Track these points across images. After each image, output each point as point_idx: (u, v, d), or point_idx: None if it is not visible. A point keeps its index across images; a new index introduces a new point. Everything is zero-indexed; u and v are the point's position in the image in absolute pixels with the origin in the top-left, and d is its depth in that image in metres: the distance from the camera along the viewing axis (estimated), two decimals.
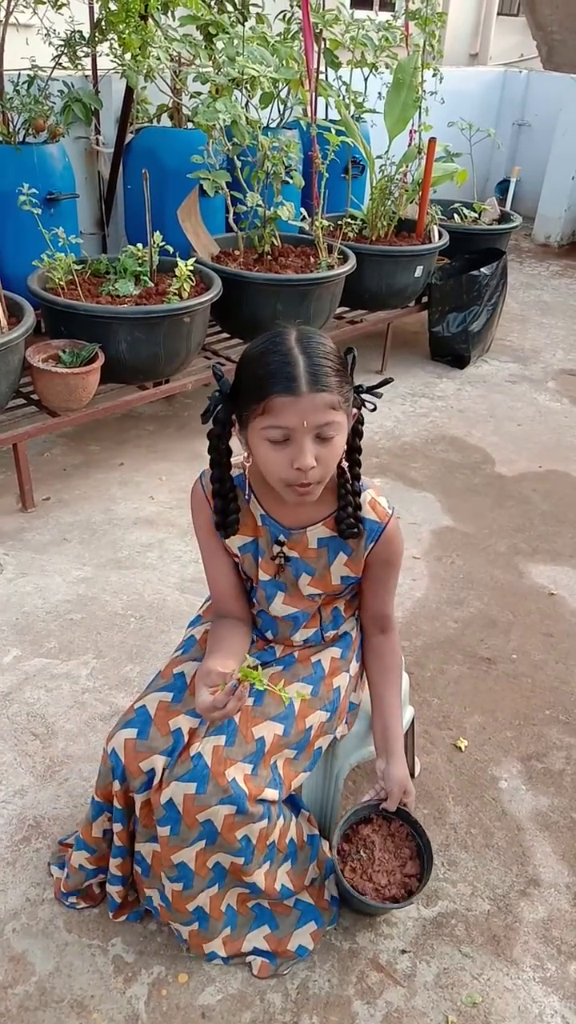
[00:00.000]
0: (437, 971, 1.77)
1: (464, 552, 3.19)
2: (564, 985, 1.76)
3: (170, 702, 1.63)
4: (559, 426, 4.29)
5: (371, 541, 1.64)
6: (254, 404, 1.38)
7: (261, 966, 1.72)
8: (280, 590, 1.69)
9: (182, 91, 4.21)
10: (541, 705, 2.49)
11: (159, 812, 1.55)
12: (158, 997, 1.69)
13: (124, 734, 1.59)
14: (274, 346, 1.39)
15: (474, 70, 8.23)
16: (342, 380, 1.41)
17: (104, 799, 1.65)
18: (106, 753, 1.61)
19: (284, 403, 1.35)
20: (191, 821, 1.52)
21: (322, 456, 1.42)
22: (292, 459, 1.40)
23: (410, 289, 4.59)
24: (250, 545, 1.66)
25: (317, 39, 4.25)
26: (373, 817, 1.85)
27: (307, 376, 1.35)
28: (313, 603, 1.71)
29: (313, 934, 1.76)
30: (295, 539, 1.64)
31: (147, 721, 1.60)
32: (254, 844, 1.57)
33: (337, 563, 1.66)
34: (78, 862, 1.77)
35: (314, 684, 1.72)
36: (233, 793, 1.51)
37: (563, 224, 7.55)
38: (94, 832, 1.71)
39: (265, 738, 1.60)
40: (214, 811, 1.51)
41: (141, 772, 1.56)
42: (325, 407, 1.37)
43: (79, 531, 3.15)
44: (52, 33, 3.73)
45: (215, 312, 3.69)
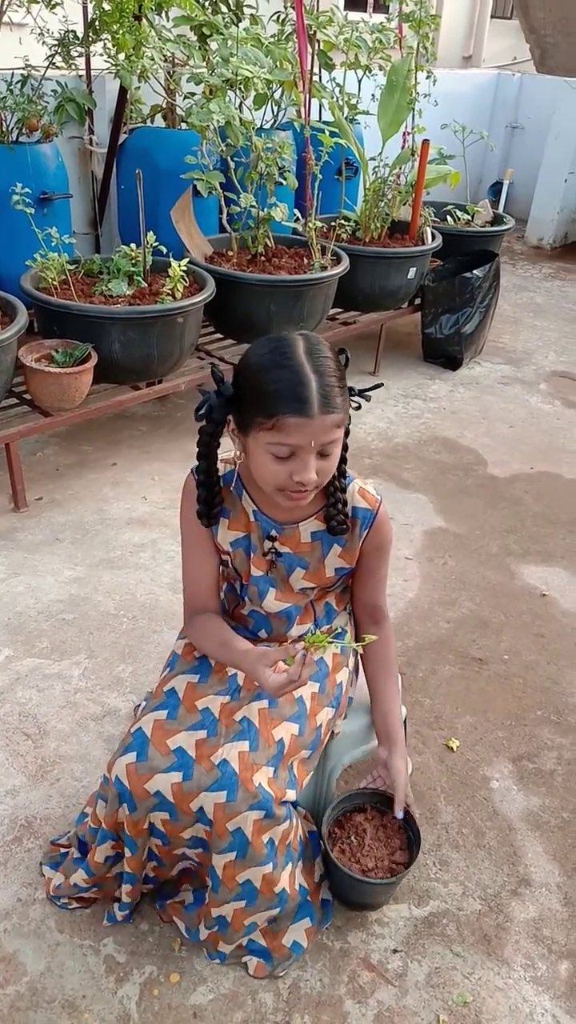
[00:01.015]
0: (428, 970, 1.77)
1: (456, 553, 3.19)
2: (555, 984, 1.76)
3: (165, 719, 1.62)
4: (551, 428, 4.30)
5: (365, 528, 1.66)
6: (261, 418, 1.39)
7: (257, 966, 1.73)
8: (271, 586, 1.70)
9: (176, 92, 4.21)
10: (532, 705, 2.50)
11: (192, 819, 1.55)
12: (150, 997, 1.69)
13: (124, 760, 1.58)
14: (284, 359, 1.38)
15: (467, 72, 8.25)
16: (345, 396, 1.42)
17: (112, 828, 1.64)
18: (111, 782, 1.59)
19: (295, 424, 1.36)
20: (221, 830, 1.53)
21: (321, 468, 1.44)
22: (293, 472, 1.42)
23: (403, 291, 4.60)
24: (242, 540, 1.67)
25: (311, 40, 4.26)
26: (367, 807, 1.86)
27: (319, 399, 1.36)
28: (305, 596, 1.72)
29: (307, 931, 1.77)
30: (287, 534, 1.65)
31: (145, 743, 1.59)
32: (277, 846, 1.58)
33: (331, 555, 1.67)
34: (75, 880, 1.76)
35: (320, 681, 1.73)
36: (262, 798, 1.52)
37: (556, 226, 7.58)
38: (97, 857, 1.69)
39: (284, 740, 1.61)
40: (243, 818, 1.51)
41: (148, 794, 1.55)
42: (333, 427, 1.40)
43: (72, 531, 3.15)
44: (46, 32, 3.72)
45: (208, 313, 3.69)
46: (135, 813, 1.57)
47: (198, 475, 1.61)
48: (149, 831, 1.61)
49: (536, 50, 9.32)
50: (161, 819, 1.57)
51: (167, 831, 1.59)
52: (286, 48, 4.22)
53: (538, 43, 9.34)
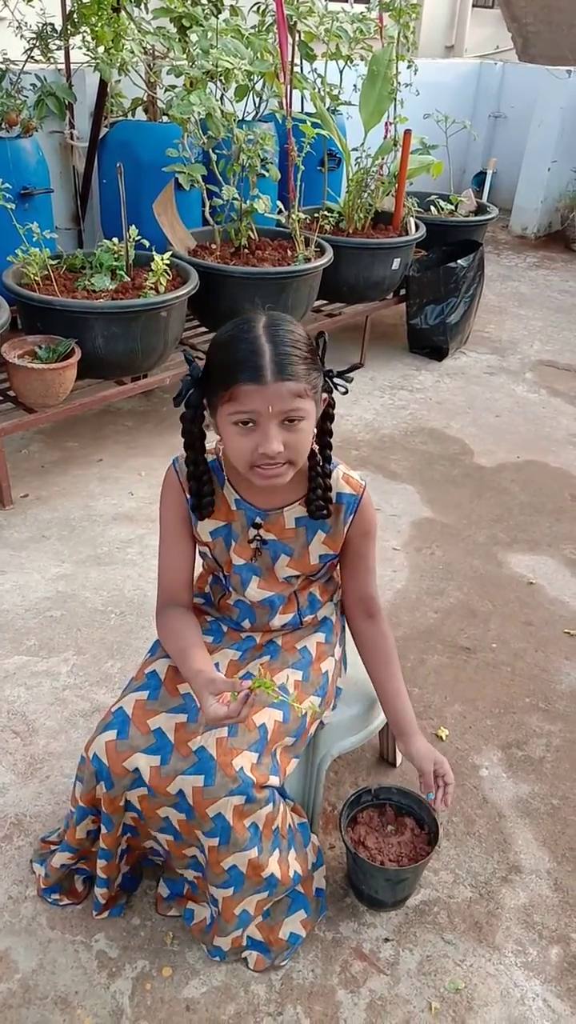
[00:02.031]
0: (420, 958, 1.78)
1: (444, 543, 3.20)
2: (545, 969, 1.77)
3: (146, 700, 1.63)
4: (537, 417, 4.31)
5: (350, 514, 1.66)
6: (221, 391, 1.41)
7: (257, 960, 1.73)
8: (255, 574, 1.69)
9: (156, 84, 4.19)
10: (521, 693, 2.50)
11: (171, 799, 1.55)
12: (142, 991, 1.69)
13: (104, 737, 1.58)
14: (241, 333, 1.42)
15: (449, 62, 8.24)
16: (310, 367, 1.43)
17: (89, 804, 1.64)
18: (87, 759, 1.60)
19: (249, 391, 1.38)
20: (203, 815, 1.53)
21: (290, 441, 1.44)
22: (257, 444, 1.42)
23: (387, 281, 4.59)
24: (222, 530, 1.67)
25: (291, 31, 4.25)
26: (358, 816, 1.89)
27: (272, 366, 1.38)
28: (289, 586, 1.72)
29: (303, 922, 1.77)
30: (272, 520, 1.65)
31: (125, 721, 1.59)
32: (261, 830, 1.58)
33: (315, 542, 1.68)
34: (59, 862, 1.77)
35: (303, 670, 1.73)
36: (241, 783, 1.52)
37: (539, 215, 7.58)
38: (78, 835, 1.70)
39: (267, 725, 1.61)
40: (224, 803, 1.51)
41: (127, 771, 1.56)
42: (290, 395, 1.40)
43: (58, 528, 3.14)
44: (23, 26, 3.70)
45: (192, 306, 3.68)
46: (112, 790, 1.57)
47: (187, 465, 1.61)
48: (125, 807, 1.61)
49: (518, 39, 9.37)
50: (138, 796, 1.58)
51: (143, 808, 1.59)
52: (267, 39, 4.21)
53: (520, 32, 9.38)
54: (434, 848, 1.81)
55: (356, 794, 1.90)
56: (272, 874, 1.63)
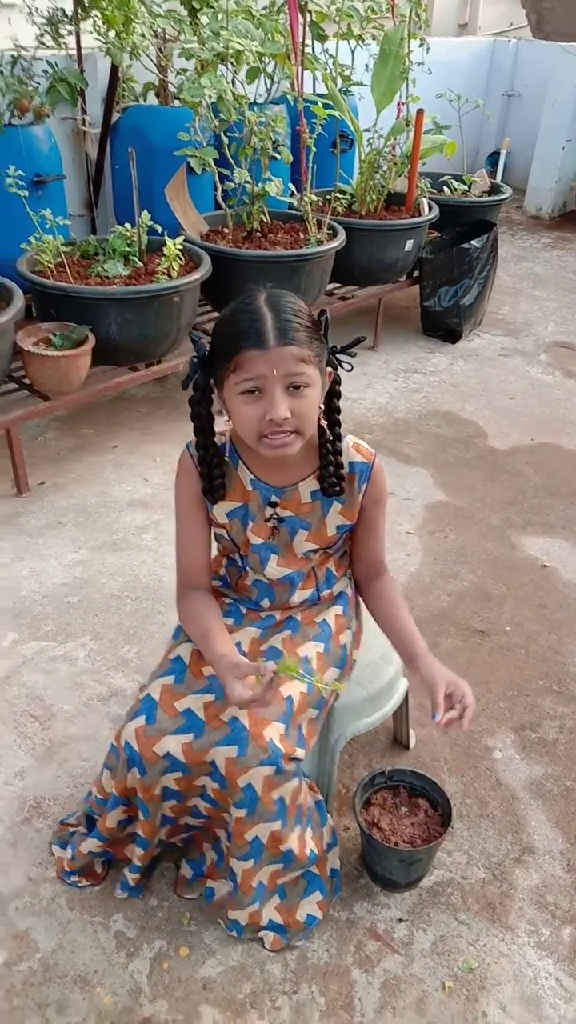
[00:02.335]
0: (434, 938, 1.80)
1: (457, 526, 3.20)
2: (558, 949, 1.79)
3: (173, 684, 1.65)
4: (552, 399, 4.29)
5: (364, 481, 1.68)
6: (226, 363, 1.44)
7: (273, 940, 1.75)
8: (273, 552, 1.71)
9: (167, 68, 4.17)
10: (534, 676, 2.51)
11: (206, 768, 1.58)
12: (160, 971, 1.72)
13: (134, 724, 1.61)
14: (243, 306, 1.45)
15: (463, 40, 8.15)
16: (312, 336, 1.46)
17: (122, 793, 1.66)
18: (120, 747, 1.62)
19: (253, 356, 1.41)
20: (233, 785, 1.56)
21: (296, 408, 1.46)
22: (265, 411, 1.44)
23: (400, 263, 4.57)
24: (239, 510, 1.68)
25: (302, 11, 4.21)
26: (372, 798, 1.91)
27: (275, 331, 1.41)
28: (307, 562, 1.73)
29: (320, 903, 1.79)
30: (287, 497, 1.66)
31: (153, 707, 1.61)
32: (287, 805, 1.60)
33: (332, 513, 1.69)
34: (87, 848, 1.79)
35: (325, 642, 1.75)
36: (272, 753, 1.54)
37: (554, 195, 7.51)
38: (109, 823, 1.73)
39: (293, 697, 1.63)
40: (254, 773, 1.54)
41: (158, 757, 1.58)
42: (294, 359, 1.42)
43: (74, 514, 3.16)
44: (34, 12, 3.69)
45: (205, 291, 3.68)
46: (146, 777, 1.59)
47: (197, 450, 1.63)
48: (162, 795, 1.63)
49: (532, 16, 9.25)
50: (174, 779, 1.60)
51: (181, 787, 1.61)
52: (277, 20, 4.18)
53: (534, 8, 9.27)
54: (447, 829, 1.83)
55: (370, 776, 1.92)
56: (290, 849, 1.66)
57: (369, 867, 1.91)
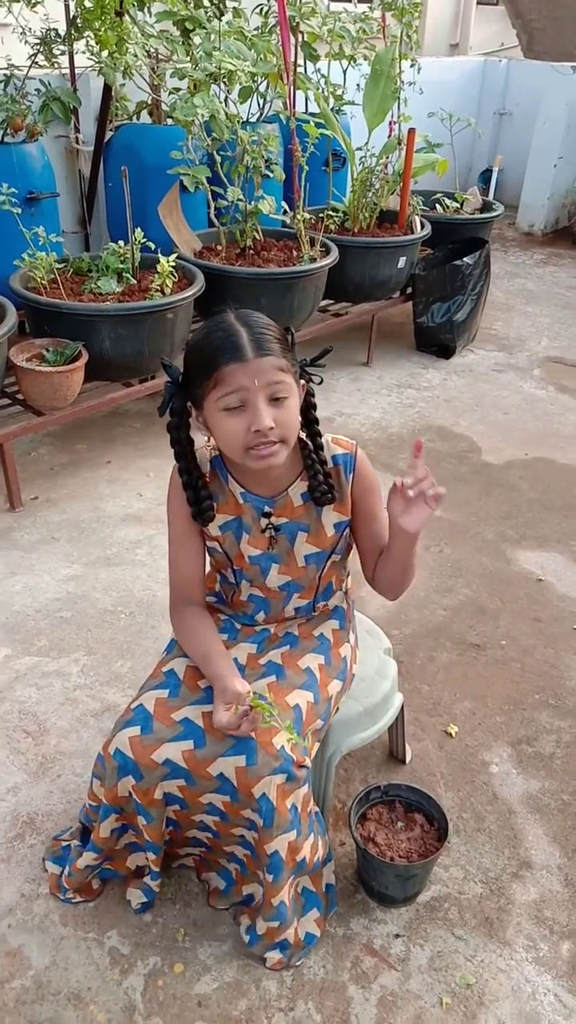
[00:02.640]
0: (431, 954, 1.79)
1: (452, 540, 3.20)
2: (557, 964, 1.77)
3: (167, 698, 1.64)
4: (545, 413, 4.31)
5: (349, 472, 1.68)
6: (205, 380, 1.45)
7: (276, 960, 1.73)
8: (275, 562, 1.71)
9: (160, 87, 4.21)
10: (530, 690, 2.50)
11: (212, 783, 1.57)
12: (154, 987, 1.70)
13: (127, 733, 1.59)
14: (214, 325, 1.48)
15: (454, 60, 8.23)
16: (284, 348, 1.48)
17: (112, 802, 1.65)
18: (108, 755, 1.60)
19: (233, 370, 1.42)
20: (248, 794, 1.54)
21: (279, 418, 1.47)
22: (250, 423, 1.45)
23: (393, 280, 4.60)
24: (232, 523, 1.69)
25: (294, 32, 4.26)
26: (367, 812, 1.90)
27: (251, 343, 1.44)
28: (307, 571, 1.73)
29: (317, 920, 1.78)
30: (280, 504, 1.67)
31: (147, 717, 1.60)
32: (300, 812, 1.60)
33: (326, 511, 1.69)
34: (85, 863, 1.77)
35: (324, 654, 1.75)
36: (283, 760, 1.54)
37: (546, 212, 7.57)
38: (102, 833, 1.71)
39: (301, 706, 1.63)
40: (267, 782, 1.53)
41: (156, 764, 1.57)
42: (273, 369, 1.44)
43: (67, 530, 3.16)
44: (28, 31, 3.72)
45: (199, 308, 3.69)
46: (143, 782, 1.58)
47: (181, 476, 1.64)
48: (165, 800, 1.61)
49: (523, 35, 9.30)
50: (178, 786, 1.59)
51: (185, 796, 1.60)
52: (269, 40, 4.22)
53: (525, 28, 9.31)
54: (444, 844, 1.82)
55: (366, 791, 1.91)
56: (304, 858, 1.65)
57: (365, 882, 1.89)
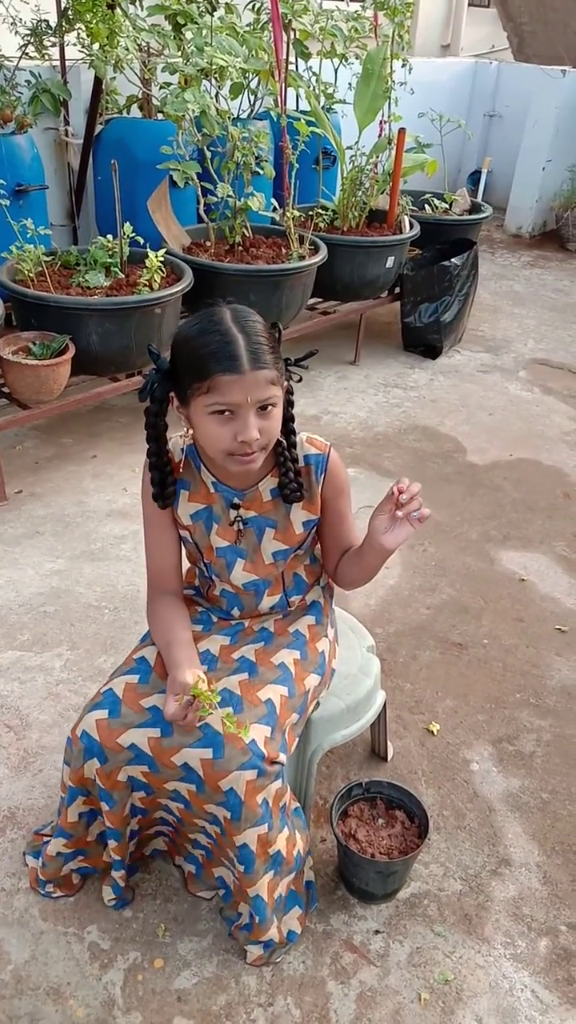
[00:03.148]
0: (410, 950, 1.80)
1: (436, 540, 3.21)
2: (534, 961, 1.79)
3: (137, 683, 1.64)
4: (530, 415, 4.33)
5: (320, 472, 1.68)
6: (197, 383, 1.44)
7: (257, 956, 1.74)
8: (240, 557, 1.71)
9: (151, 81, 4.19)
10: (512, 689, 2.52)
11: (176, 772, 1.56)
12: (134, 982, 1.70)
13: (94, 715, 1.60)
14: (212, 325, 1.45)
15: (445, 61, 8.25)
16: (276, 356, 1.48)
17: (78, 784, 1.65)
18: (75, 737, 1.61)
19: (228, 381, 1.41)
20: (214, 787, 1.54)
21: (264, 428, 1.48)
22: (236, 433, 1.46)
23: (382, 280, 4.60)
24: (202, 512, 1.69)
25: (286, 29, 4.25)
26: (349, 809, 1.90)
27: (248, 355, 1.42)
28: (274, 567, 1.73)
29: (299, 918, 1.79)
30: (249, 497, 1.67)
31: (116, 701, 1.61)
32: (271, 806, 1.59)
33: (295, 509, 1.70)
34: (55, 850, 1.77)
35: (300, 649, 1.75)
36: (252, 755, 1.53)
37: (534, 214, 7.59)
38: (70, 817, 1.71)
39: (273, 700, 1.62)
40: (235, 777, 1.52)
41: (122, 747, 1.57)
42: (266, 383, 1.44)
43: (52, 524, 3.15)
44: (18, 22, 3.70)
45: (187, 303, 3.69)
46: (107, 764, 1.58)
47: (148, 457, 1.65)
48: (129, 785, 1.61)
49: (514, 38, 9.40)
50: (141, 771, 1.59)
51: (150, 782, 1.60)
52: (261, 37, 4.21)
53: (516, 31, 9.41)
54: (424, 841, 1.83)
55: (347, 787, 1.92)
56: (279, 851, 1.65)
57: (346, 879, 1.90)
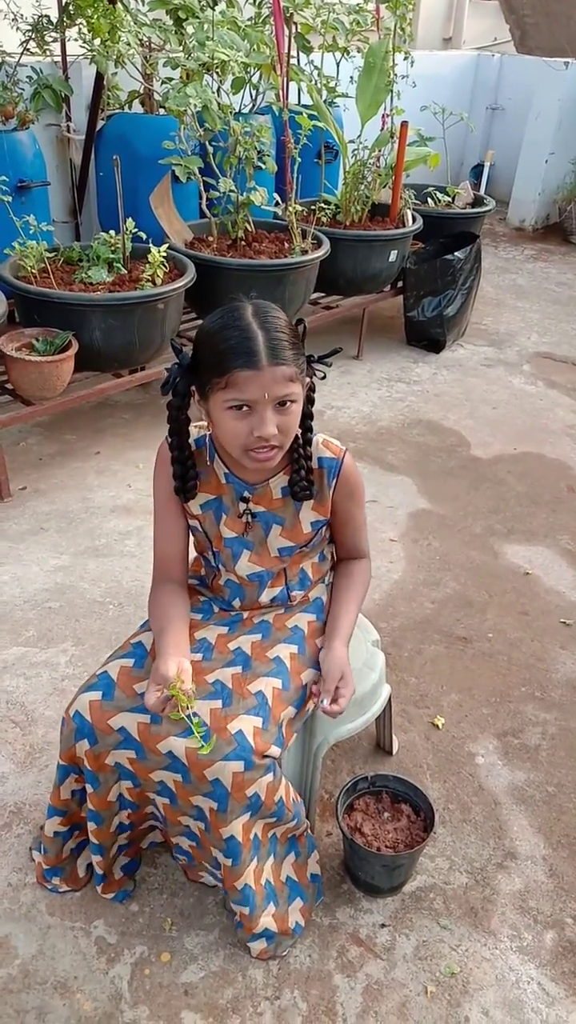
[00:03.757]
0: (416, 943, 1.80)
1: (440, 534, 3.21)
2: (540, 953, 1.79)
3: (132, 667, 1.65)
4: (534, 409, 4.32)
5: (333, 477, 1.69)
6: (216, 378, 1.44)
7: (262, 950, 1.74)
8: (247, 548, 1.72)
9: (153, 76, 4.19)
10: (517, 682, 2.52)
11: (162, 760, 1.55)
12: (141, 976, 1.71)
13: (87, 696, 1.60)
14: (233, 320, 1.45)
15: (447, 54, 8.22)
16: (297, 352, 1.48)
17: (69, 761, 1.66)
18: (68, 716, 1.61)
19: (246, 377, 1.41)
20: (199, 776, 1.53)
21: (282, 424, 1.48)
22: (253, 428, 1.46)
23: (384, 274, 4.59)
24: (212, 503, 1.70)
25: (288, 23, 4.24)
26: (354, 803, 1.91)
27: (267, 351, 1.41)
28: (280, 561, 1.74)
29: (303, 910, 1.79)
30: (259, 492, 1.68)
31: (110, 684, 1.61)
32: (263, 800, 1.58)
33: (305, 508, 1.70)
34: (51, 830, 1.77)
35: (298, 644, 1.74)
36: (238, 745, 1.52)
37: (537, 208, 7.57)
38: (62, 795, 1.72)
39: (264, 692, 1.62)
40: (220, 767, 1.51)
41: (112, 730, 1.57)
42: (284, 379, 1.44)
43: (56, 520, 3.15)
44: (19, 18, 3.70)
45: (189, 298, 3.68)
46: (96, 746, 1.58)
47: (171, 451, 1.65)
48: (117, 771, 1.61)
49: (516, 31, 9.33)
50: (127, 757, 1.58)
51: (135, 770, 1.59)
52: (263, 31, 4.20)
53: (518, 24, 9.35)
54: (430, 835, 1.83)
55: (353, 781, 1.92)
56: (255, 835, 1.63)
57: (352, 872, 1.90)
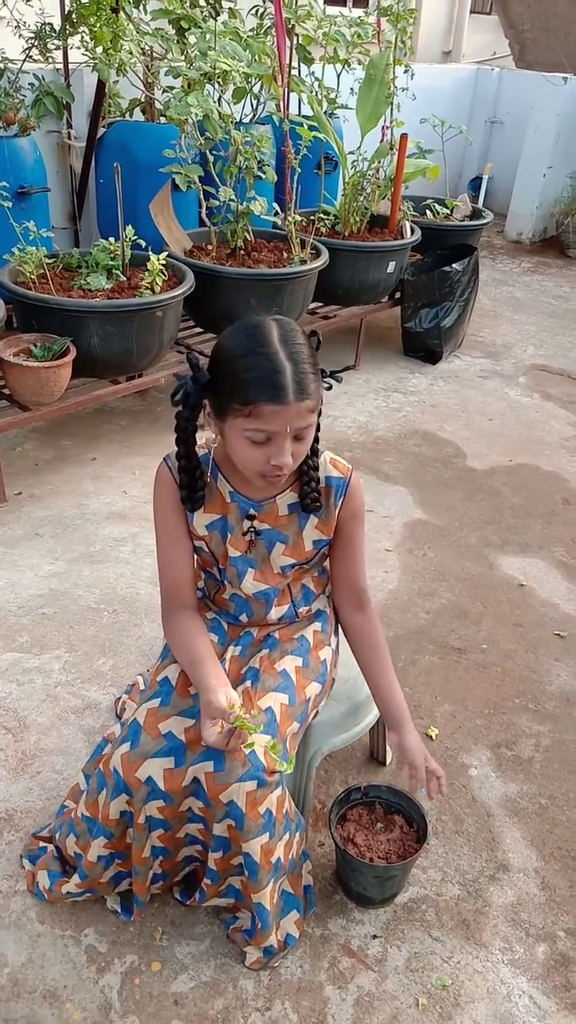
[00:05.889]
0: (408, 955, 1.79)
1: (436, 544, 3.21)
2: (532, 966, 1.78)
3: (158, 707, 1.64)
4: (529, 420, 4.33)
5: (340, 496, 1.68)
6: (238, 404, 1.41)
7: (256, 960, 1.73)
8: (250, 567, 1.71)
9: (154, 85, 4.20)
10: (511, 694, 2.52)
11: (189, 788, 1.57)
12: (131, 986, 1.70)
13: (120, 750, 1.60)
14: (258, 346, 1.40)
15: (447, 67, 8.27)
16: (318, 378, 1.45)
17: (105, 823, 1.64)
18: (107, 773, 1.61)
19: (271, 411, 1.39)
20: (216, 801, 1.54)
21: (296, 451, 1.48)
22: (270, 456, 1.45)
23: (383, 284, 4.61)
24: (218, 522, 1.68)
25: (289, 34, 4.26)
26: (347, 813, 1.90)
27: (294, 385, 1.38)
28: (283, 578, 1.73)
29: (296, 922, 1.78)
30: (265, 510, 1.67)
31: (137, 730, 1.61)
32: (275, 816, 1.59)
33: (308, 527, 1.69)
34: (68, 888, 1.76)
35: (303, 656, 1.75)
36: (252, 766, 1.53)
37: (535, 221, 7.62)
38: (90, 856, 1.70)
39: (273, 708, 1.62)
40: (236, 789, 1.52)
41: (140, 783, 1.57)
42: (307, 412, 1.43)
43: (51, 526, 3.15)
44: (22, 25, 3.71)
45: (188, 306, 3.69)
46: (136, 800, 1.59)
47: (179, 460, 1.62)
48: (147, 825, 1.61)
49: (515, 45, 9.41)
50: (157, 807, 1.59)
51: (166, 816, 1.60)
52: (265, 42, 4.23)
53: (517, 38, 9.43)
54: (423, 846, 1.83)
55: (346, 792, 1.91)
56: (279, 858, 1.64)
57: (344, 883, 1.89)
